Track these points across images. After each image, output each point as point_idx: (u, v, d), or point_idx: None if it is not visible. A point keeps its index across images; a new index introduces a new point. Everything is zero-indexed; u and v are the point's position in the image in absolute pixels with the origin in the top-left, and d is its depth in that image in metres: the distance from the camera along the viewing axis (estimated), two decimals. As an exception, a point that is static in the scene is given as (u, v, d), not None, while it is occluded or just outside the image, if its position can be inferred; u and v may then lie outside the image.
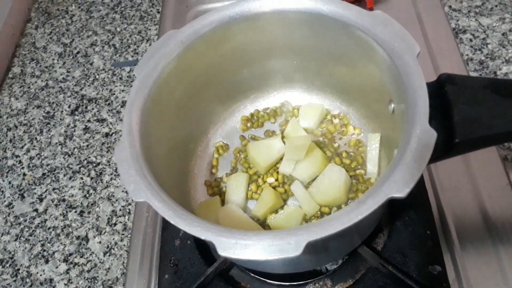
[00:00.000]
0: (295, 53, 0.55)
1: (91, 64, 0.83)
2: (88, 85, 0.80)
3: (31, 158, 0.73)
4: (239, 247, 0.31)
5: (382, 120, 0.52)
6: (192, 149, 0.58)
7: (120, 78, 0.80)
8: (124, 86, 0.79)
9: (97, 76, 0.81)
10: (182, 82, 0.51)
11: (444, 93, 0.39)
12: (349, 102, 0.59)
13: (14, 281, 0.62)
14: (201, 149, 0.60)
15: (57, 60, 0.85)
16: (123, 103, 0.77)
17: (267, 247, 0.30)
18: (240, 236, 0.31)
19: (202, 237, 0.32)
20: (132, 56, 0.83)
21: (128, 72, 0.80)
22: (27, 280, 0.61)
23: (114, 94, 0.78)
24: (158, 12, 0.88)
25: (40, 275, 0.62)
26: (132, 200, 0.66)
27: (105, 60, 0.83)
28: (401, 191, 0.32)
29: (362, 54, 0.47)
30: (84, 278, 0.60)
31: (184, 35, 0.49)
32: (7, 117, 0.78)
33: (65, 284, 0.60)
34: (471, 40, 0.73)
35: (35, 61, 0.86)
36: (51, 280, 0.61)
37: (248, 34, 0.52)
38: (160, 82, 0.47)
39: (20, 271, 0.62)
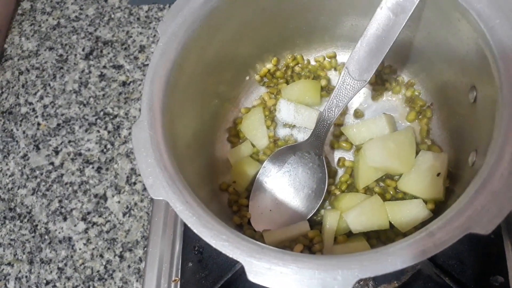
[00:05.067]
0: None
1: (105, 1, 0.75)
2: (103, 26, 0.73)
3: (45, 106, 0.68)
4: (273, 275, 0.26)
5: (455, 108, 0.44)
6: (221, 126, 0.51)
7: (138, 19, 0.72)
8: (142, 28, 0.71)
9: (112, 16, 0.73)
10: (215, 41, 0.43)
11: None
12: (414, 72, 0.50)
13: (33, 237, 0.60)
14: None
15: (69, -6, 0.77)
16: (141, 48, 0.70)
17: (308, 279, 0.26)
18: (276, 261, 0.26)
19: (229, 255, 0.28)
20: (151, -7, 0.74)
21: (146, 12, 0.73)
22: (46, 237, 0.60)
23: (131, 37, 0.71)
24: None
25: (59, 232, 0.60)
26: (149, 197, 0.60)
27: (121, -4, 0.75)
28: (483, 227, 0.25)
29: (442, 19, 0.38)
30: (103, 239, 0.58)
31: None
32: (18, 59, 0.73)
33: (84, 244, 0.59)
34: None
35: (45, -6, 0.78)
36: (69, 238, 0.59)
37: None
38: (190, 44, 0.39)
39: (39, 227, 0.61)
